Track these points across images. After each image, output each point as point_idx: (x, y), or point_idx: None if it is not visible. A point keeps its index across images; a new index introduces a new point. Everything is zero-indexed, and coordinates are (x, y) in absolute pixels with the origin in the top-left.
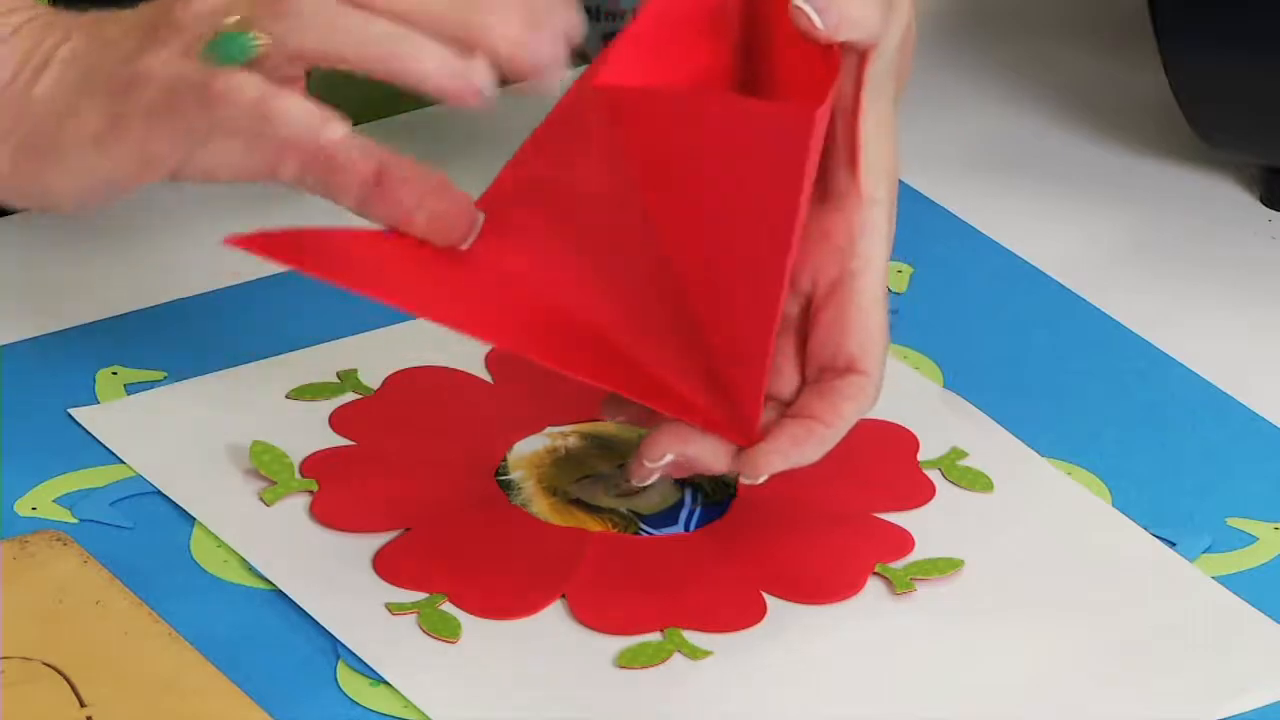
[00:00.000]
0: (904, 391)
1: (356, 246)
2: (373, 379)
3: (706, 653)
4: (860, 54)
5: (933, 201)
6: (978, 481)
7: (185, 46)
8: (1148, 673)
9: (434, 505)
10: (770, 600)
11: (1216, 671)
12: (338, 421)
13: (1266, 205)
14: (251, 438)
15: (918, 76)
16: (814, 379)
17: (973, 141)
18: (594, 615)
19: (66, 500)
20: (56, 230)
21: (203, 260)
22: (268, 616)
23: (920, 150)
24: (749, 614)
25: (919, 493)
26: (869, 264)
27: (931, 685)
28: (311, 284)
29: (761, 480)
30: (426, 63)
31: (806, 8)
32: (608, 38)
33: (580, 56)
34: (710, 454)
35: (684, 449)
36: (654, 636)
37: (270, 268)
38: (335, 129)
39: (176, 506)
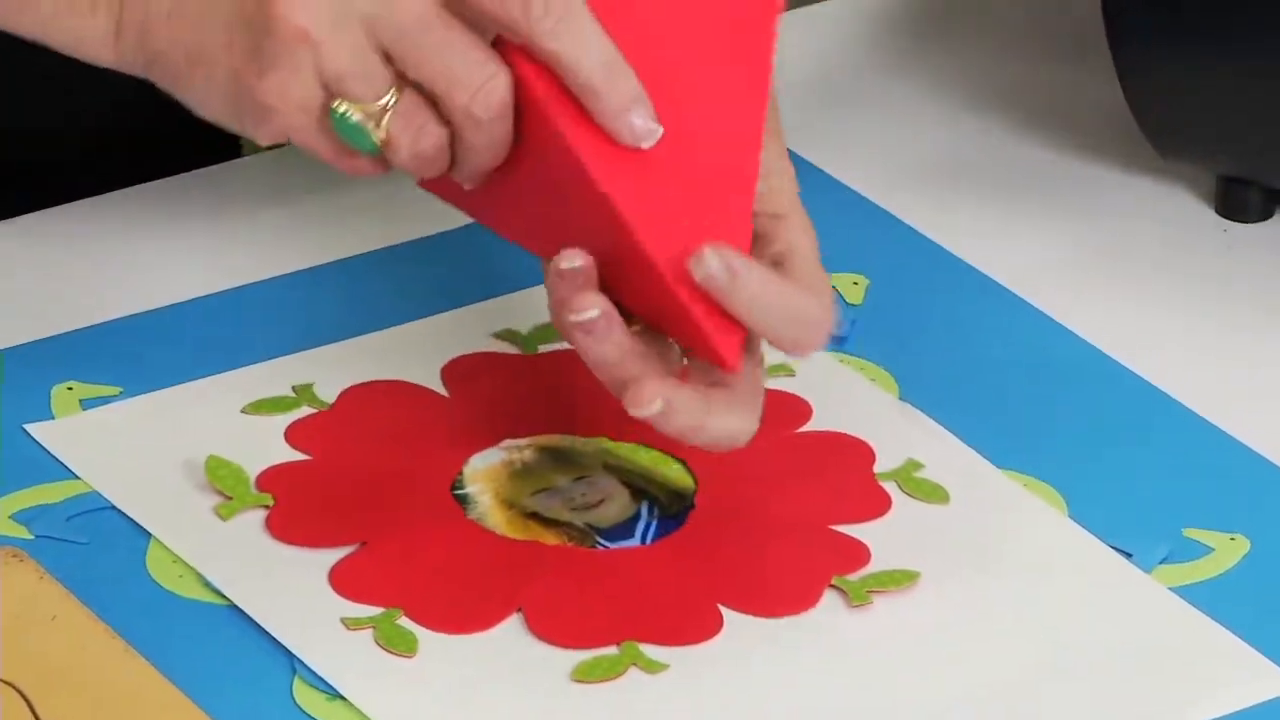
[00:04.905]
0: (859, 403)
1: None
2: (328, 393)
3: (663, 666)
4: None
5: (888, 213)
6: (934, 493)
7: (309, 94)
8: (1104, 684)
9: (390, 519)
10: (726, 613)
11: (1173, 683)
12: (293, 436)
13: (1222, 215)
14: (207, 452)
15: (873, 87)
16: None
17: (929, 153)
18: (550, 629)
19: (22, 516)
20: (7, 245)
21: (157, 275)
22: (224, 631)
23: (875, 161)
24: (705, 627)
25: (875, 505)
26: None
27: (888, 698)
28: (266, 297)
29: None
30: None
31: None
32: None
33: None
34: (688, 405)
35: (670, 396)
36: (610, 650)
37: (224, 282)
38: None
39: (132, 522)
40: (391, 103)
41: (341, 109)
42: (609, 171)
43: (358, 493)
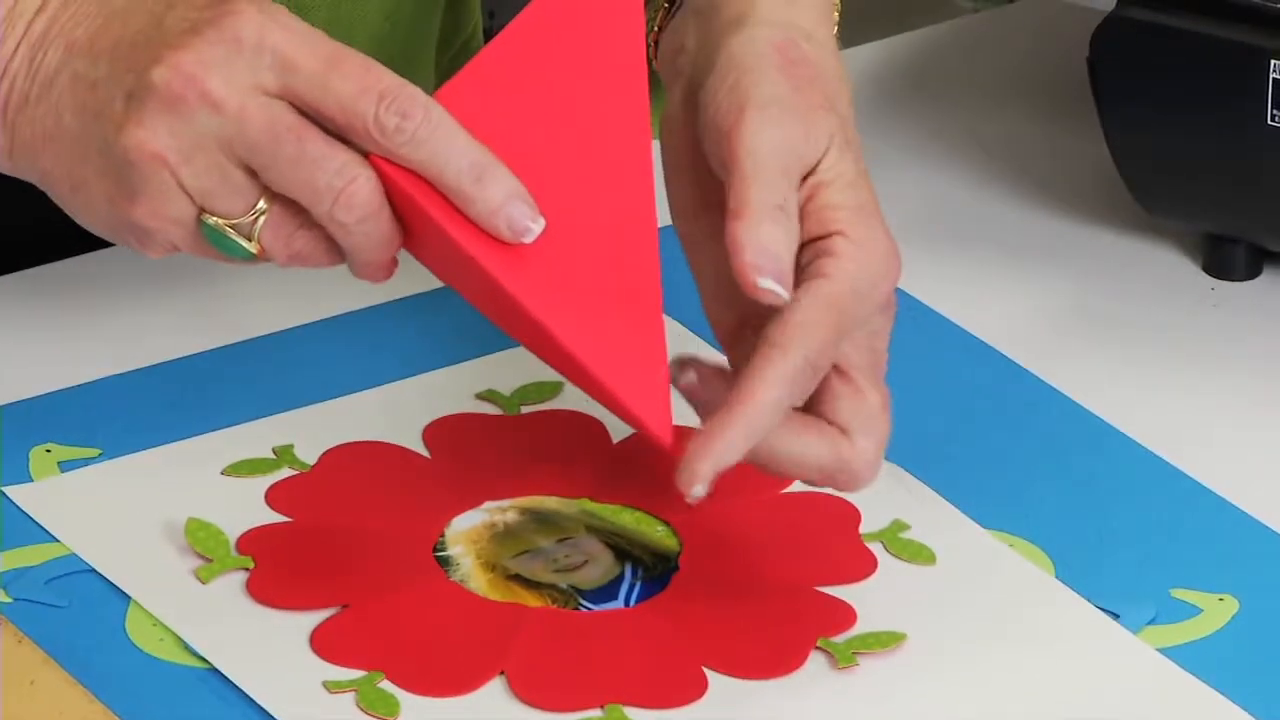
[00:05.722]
0: None
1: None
2: (309, 454)
3: None
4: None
5: None
6: (920, 554)
7: (179, 202)
8: None
9: (372, 581)
10: (711, 675)
11: None
12: (274, 498)
13: (1209, 274)
14: (187, 515)
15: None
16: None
17: (914, 210)
18: (534, 692)
19: (1, 579)
20: None
21: (136, 336)
22: (204, 695)
23: None
24: (690, 690)
25: (861, 566)
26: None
27: None
28: (246, 358)
29: (700, 491)
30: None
31: None
32: None
33: None
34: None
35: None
36: (594, 713)
37: (203, 343)
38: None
39: (112, 585)
40: (262, 213)
41: (211, 222)
42: (499, 260)
43: (339, 555)
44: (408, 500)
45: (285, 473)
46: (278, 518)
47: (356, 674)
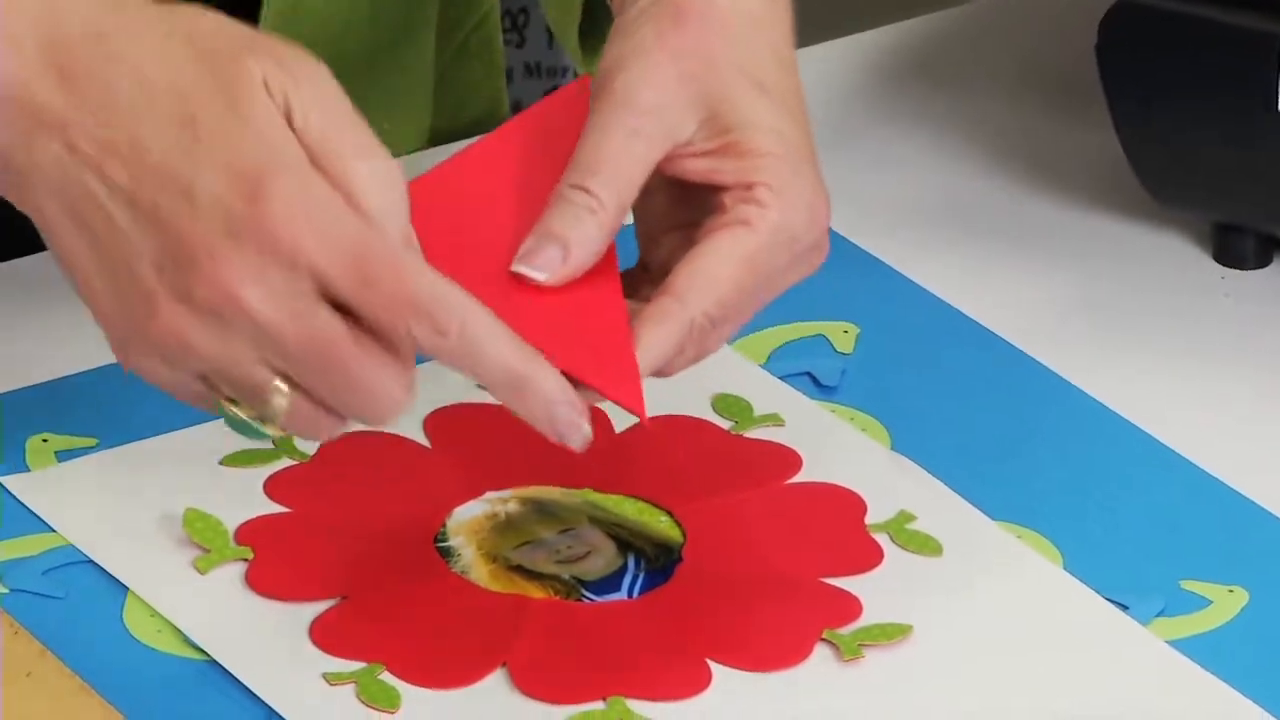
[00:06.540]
0: (851, 454)
1: None
2: (308, 444)
3: None
4: None
5: (880, 261)
6: (926, 545)
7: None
8: None
9: (372, 573)
10: (715, 668)
11: None
12: (273, 488)
13: (1219, 263)
14: (185, 505)
15: (865, 133)
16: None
17: (922, 200)
18: (536, 684)
19: None
20: None
21: None
22: (203, 687)
23: (867, 208)
24: (694, 682)
25: (867, 557)
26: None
27: None
28: None
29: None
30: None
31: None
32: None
33: None
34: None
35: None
36: (597, 705)
37: None
38: None
39: (109, 576)
40: (284, 404)
41: (230, 411)
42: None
43: (339, 546)
44: (408, 491)
45: (285, 463)
46: (277, 508)
47: (357, 666)
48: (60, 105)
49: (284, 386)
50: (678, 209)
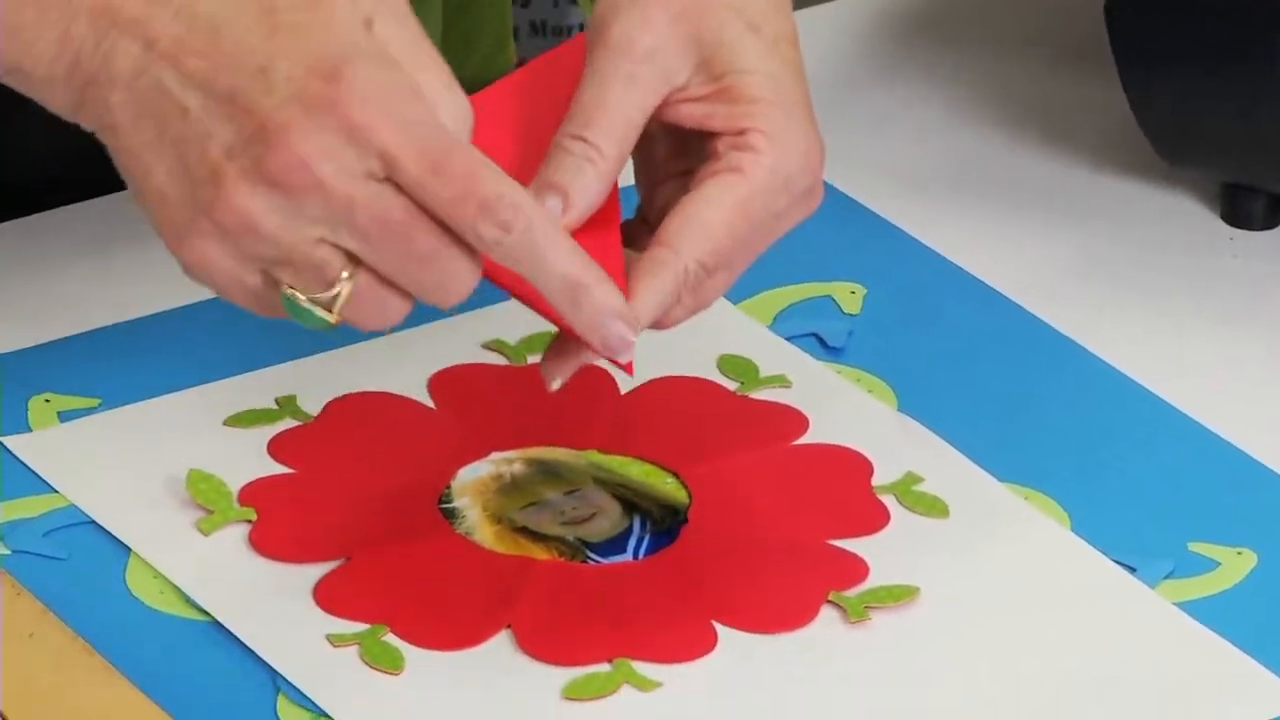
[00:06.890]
0: (857, 415)
1: None
2: (312, 405)
3: (656, 684)
4: None
5: (887, 221)
6: (934, 507)
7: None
8: (1108, 701)
9: (376, 534)
10: (721, 630)
11: (1178, 700)
12: (277, 449)
13: (1228, 223)
14: (188, 466)
15: (871, 93)
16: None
17: (928, 160)
18: (541, 645)
19: None
20: None
21: (136, 285)
22: (206, 649)
23: (874, 169)
24: (699, 644)
25: (873, 519)
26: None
27: (887, 716)
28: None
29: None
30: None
31: None
32: None
33: None
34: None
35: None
36: (602, 667)
37: (205, 291)
38: None
39: (112, 537)
40: (346, 287)
41: (289, 293)
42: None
43: (343, 507)
44: (412, 451)
45: (288, 423)
46: (280, 469)
47: (360, 627)
48: (138, 2)
49: (348, 271)
50: (677, 158)
